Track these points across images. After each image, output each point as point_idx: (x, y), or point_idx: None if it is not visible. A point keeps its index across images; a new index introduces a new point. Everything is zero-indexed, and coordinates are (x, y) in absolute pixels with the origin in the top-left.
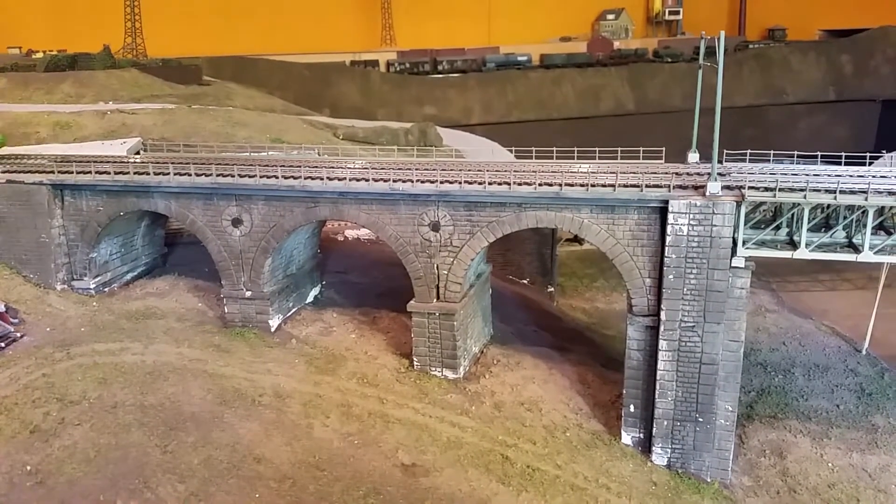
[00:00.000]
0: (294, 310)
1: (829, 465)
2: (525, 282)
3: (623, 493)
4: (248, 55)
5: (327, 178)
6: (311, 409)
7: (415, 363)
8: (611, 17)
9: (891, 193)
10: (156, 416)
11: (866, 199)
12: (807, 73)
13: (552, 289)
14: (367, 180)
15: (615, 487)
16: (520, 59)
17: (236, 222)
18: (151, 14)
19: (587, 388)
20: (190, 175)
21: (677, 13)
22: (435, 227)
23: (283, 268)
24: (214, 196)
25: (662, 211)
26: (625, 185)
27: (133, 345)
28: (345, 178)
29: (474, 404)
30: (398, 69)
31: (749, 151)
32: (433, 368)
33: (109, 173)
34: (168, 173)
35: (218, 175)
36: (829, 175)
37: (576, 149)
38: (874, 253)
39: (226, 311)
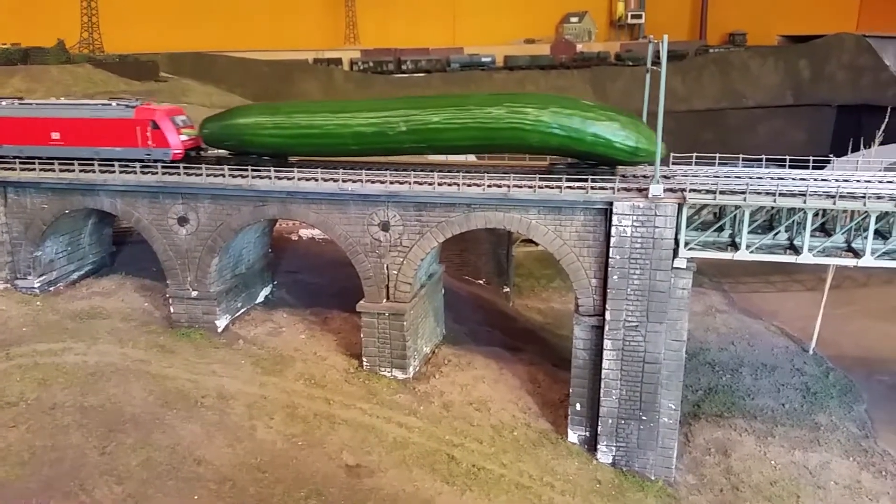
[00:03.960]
0: (243, 310)
1: (772, 462)
2: (481, 282)
3: (567, 491)
4: (208, 52)
5: (275, 177)
6: (255, 411)
7: (364, 364)
8: (574, 20)
9: (829, 196)
10: (95, 418)
11: (805, 202)
12: (766, 77)
13: (508, 289)
14: (315, 180)
15: (559, 486)
16: (484, 60)
17: (182, 221)
18: (110, 10)
19: (537, 387)
20: (136, 173)
21: (639, 17)
22: (384, 226)
23: (232, 267)
24: (160, 194)
25: (607, 212)
26: (571, 187)
27: (76, 345)
28: (293, 178)
29: (423, 404)
30: (362, 68)
31: (695, 155)
32: (383, 369)
33: (54, 170)
34: (114, 171)
35: (164, 173)
36: (771, 178)
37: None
38: (814, 255)
39: (172, 311)
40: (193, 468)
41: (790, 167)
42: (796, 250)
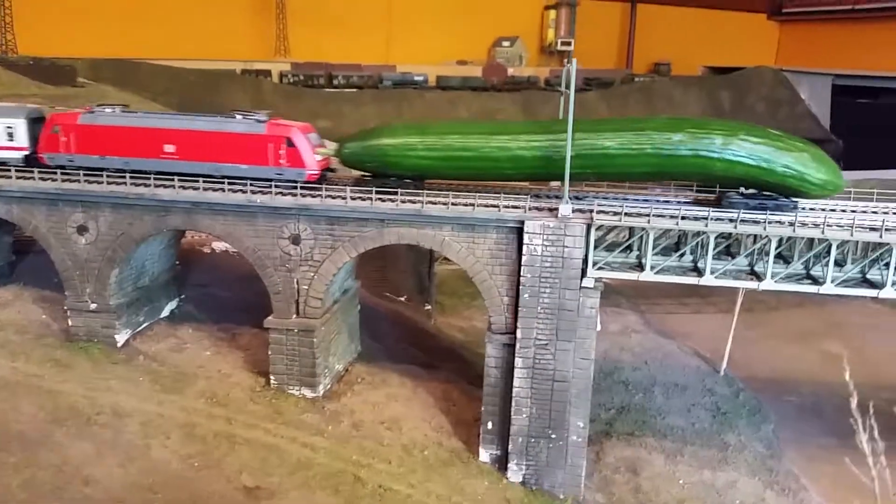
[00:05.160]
0: (146, 324)
1: (681, 481)
2: (402, 299)
3: None
4: (132, 58)
5: (179, 186)
6: (151, 430)
7: (272, 381)
8: (506, 44)
9: (731, 221)
10: None
11: (706, 226)
12: (688, 106)
13: (430, 306)
14: (223, 190)
15: None
16: (416, 78)
17: (81, 230)
18: (28, 12)
19: (452, 405)
20: (33, 179)
21: (569, 44)
22: (295, 240)
23: (134, 279)
24: (59, 202)
25: (519, 231)
26: (484, 205)
27: None
28: (198, 188)
29: (331, 424)
30: (292, 80)
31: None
32: (291, 387)
33: None
34: (10, 176)
35: (63, 179)
36: (679, 202)
37: None
38: (715, 276)
39: (70, 324)
40: (80, 488)
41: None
42: (700, 272)
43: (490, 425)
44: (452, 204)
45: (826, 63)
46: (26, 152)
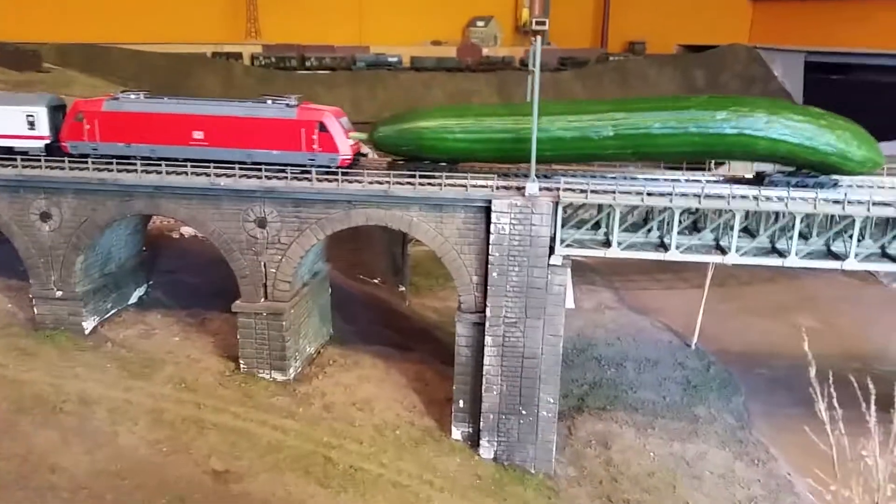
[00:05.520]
0: (113, 311)
1: (651, 454)
2: (376, 281)
3: (446, 487)
4: (101, 43)
5: (142, 170)
6: (119, 416)
7: (241, 366)
8: (480, 24)
9: (695, 196)
10: None
11: (671, 202)
12: (663, 85)
13: (404, 288)
14: (185, 174)
15: (438, 482)
16: (390, 59)
17: (45, 216)
18: None
19: (425, 385)
20: None
21: (543, 24)
22: (261, 223)
23: (100, 266)
24: (21, 188)
25: (487, 210)
26: (451, 185)
27: None
28: (161, 172)
29: (302, 406)
30: (263, 63)
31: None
32: (261, 371)
33: None
34: None
35: (24, 166)
36: (646, 179)
37: None
38: (681, 252)
39: (36, 312)
40: (46, 477)
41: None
42: (666, 248)
43: (461, 403)
44: (420, 184)
45: (799, 40)
46: (48, 141)
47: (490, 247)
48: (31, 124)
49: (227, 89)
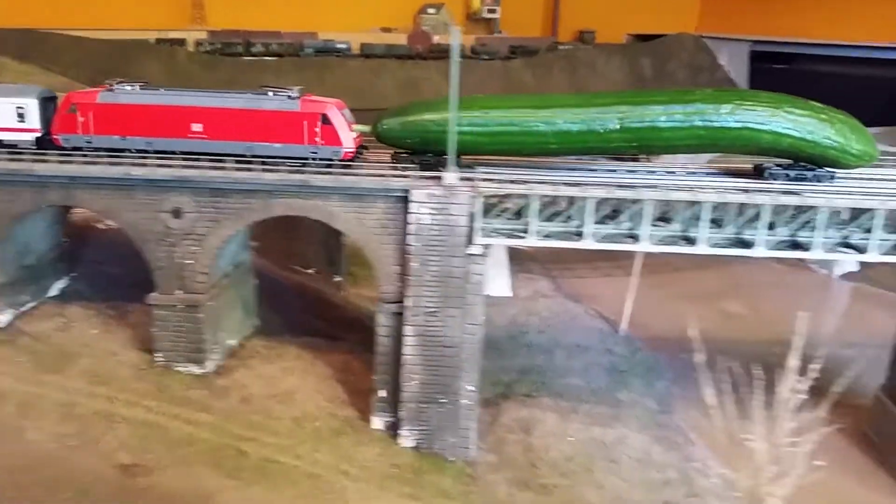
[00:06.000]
0: (32, 304)
1: (571, 438)
2: (311, 271)
3: (362, 477)
4: (38, 28)
5: (57, 160)
6: (27, 410)
7: (159, 359)
8: (432, 11)
9: (608, 186)
10: None
11: (584, 192)
12: (611, 74)
13: (340, 278)
14: (99, 164)
15: (355, 473)
16: (339, 46)
17: None
18: None
19: (351, 376)
20: None
21: (494, 12)
22: (177, 213)
23: (16, 258)
24: None
25: (407, 200)
26: (370, 175)
27: None
28: (75, 161)
29: (219, 399)
30: (208, 49)
31: None
32: (178, 364)
33: None
34: None
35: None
36: (572, 171)
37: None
38: (596, 241)
39: None
40: None
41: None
42: (583, 236)
43: (383, 393)
44: (339, 174)
45: (744, 30)
46: (38, 134)
47: (409, 236)
48: (21, 117)
49: (171, 76)
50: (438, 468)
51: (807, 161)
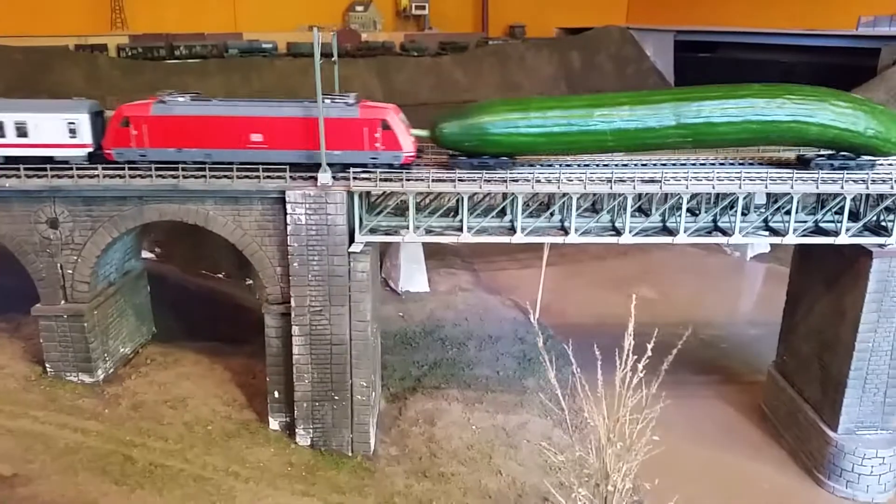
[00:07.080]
0: None
1: (474, 427)
2: (220, 276)
3: (253, 478)
4: None
5: None
6: None
7: (48, 369)
8: (360, 8)
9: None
10: None
11: (455, 187)
12: (541, 68)
13: (251, 281)
14: None
15: (245, 474)
16: (265, 45)
17: None
18: None
19: (251, 379)
20: None
21: (423, 9)
22: (53, 223)
23: None
24: None
25: (284, 201)
26: (244, 177)
27: None
28: None
29: (109, 407)
30: (130, 54)
31: None
32: (68, 373)
33: None
34: None
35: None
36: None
37: None
38: (472, 234)
39: None
40: None
41: None
42: (461, 230)
43: (276, 394)
44: (211, 177)
45: (669, 20)
46: (90, 149)
47: (288, 237)
48: (73, 132)
49: (92, 83)
50: (335, 464)
51: (847, 150)
